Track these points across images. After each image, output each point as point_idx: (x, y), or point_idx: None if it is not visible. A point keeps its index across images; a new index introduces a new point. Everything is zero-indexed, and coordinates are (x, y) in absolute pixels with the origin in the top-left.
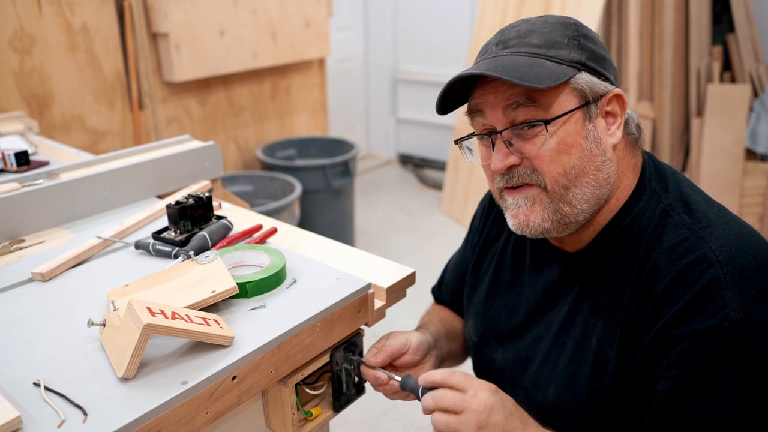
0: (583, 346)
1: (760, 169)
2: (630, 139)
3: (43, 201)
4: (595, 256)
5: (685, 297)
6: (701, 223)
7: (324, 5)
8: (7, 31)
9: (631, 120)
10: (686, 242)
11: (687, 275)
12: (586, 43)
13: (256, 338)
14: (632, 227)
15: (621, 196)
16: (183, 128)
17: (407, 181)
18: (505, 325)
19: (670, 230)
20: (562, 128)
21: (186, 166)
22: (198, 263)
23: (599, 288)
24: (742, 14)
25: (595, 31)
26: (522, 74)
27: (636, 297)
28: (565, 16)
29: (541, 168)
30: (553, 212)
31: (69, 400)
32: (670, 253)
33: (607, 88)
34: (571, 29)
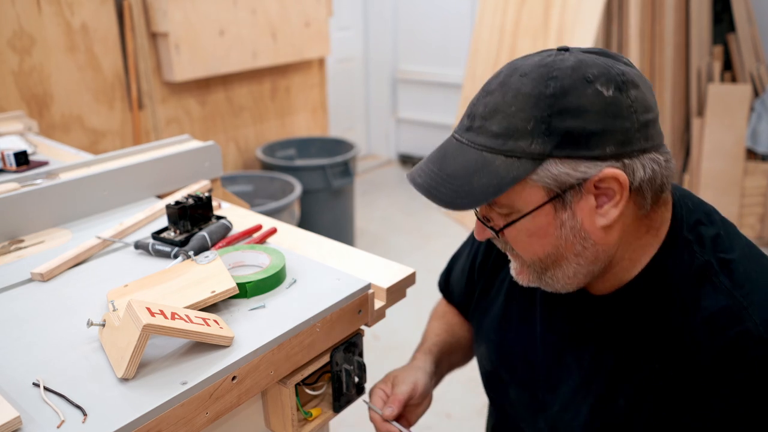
0: (608, 405)
1: (760, 169)
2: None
3: (43, 201)
4: (621, 307)
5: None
6: (743, 288)
7: (324, 5)
8: (7, 30)
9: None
10: (727, 312)
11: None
12: (562, 123)
13: (256, 338)
14: (664, 284)
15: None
16: (183, 128)
17: (407, 181)
18: (519, 361)
19: (709, 295)
20: (529, 222)
21: (186, 166)
22: (198, 263)
23: (627, 344)
24: (742, 14)
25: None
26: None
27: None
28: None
29: (518, 249)
30: (539, 281)
31: (68, 400)
32: (711, 325)
33: (588, 172)
34: (543, 106)
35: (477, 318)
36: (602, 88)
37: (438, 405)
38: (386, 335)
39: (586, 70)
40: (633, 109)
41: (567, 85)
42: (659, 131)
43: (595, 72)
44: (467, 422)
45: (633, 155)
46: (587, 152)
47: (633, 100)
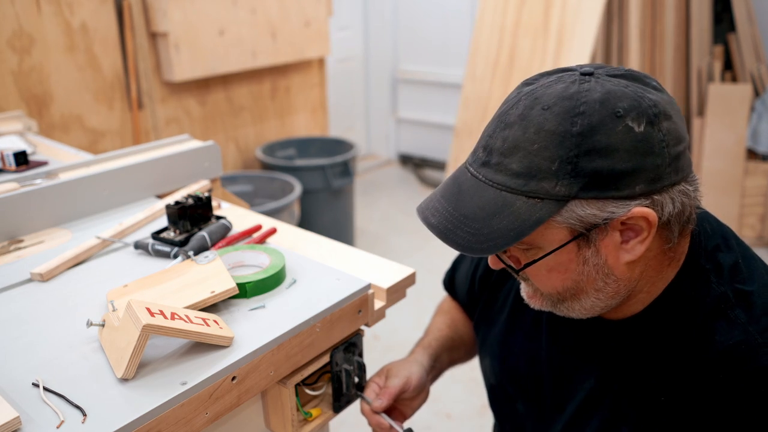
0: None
1: (761, 169)
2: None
3: (42, 201)
4: (631, 333)
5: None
6: (759, 324)
7: (324, 5)
8: (6, 30)
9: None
10: (741, 347)
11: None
12: (589, 164)
13: (256, 339)
14: (678, 313)
15: (654, 289)
16: (182, 128)
17: (407, 181)
18: (525, 376)
19: (723, 330)
20: (552, 258)
21: (185, 166)
22: (197, 263)
23: (634, 372)
24: (743, 14)
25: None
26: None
27: (680, 400)
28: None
29: (534, 281)
30: (552, 307)
31: (68, 400)
32: (724, 360)
33: (616, 212)
34: (569, 145)
35: (482, 330)
36: (633, 123)
37: (438, 405)
38: (386, 335)
39: (616, 104)
40: (665, 144)
41: (595, 122)
42: (689, 160)
43: (626, 106)
44: (467, 422)
45: (663, 190)
46: (616, 193)
47: (665, 133)
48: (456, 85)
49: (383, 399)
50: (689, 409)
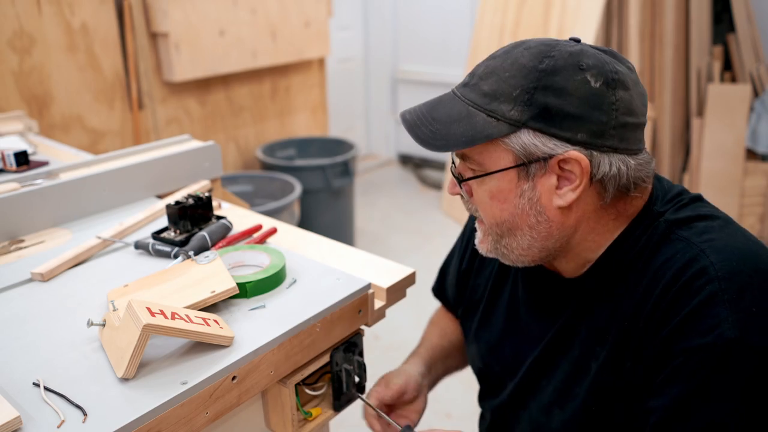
0: (581, 369)
1: (760, 169)
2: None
3: (43, 201)
4: (591, 282)
5: (682, 312)
6: (702, 237)
7: (324, 5)
8: (7, 30)
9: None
10: (684, 255)
11: (685, 290)
12: (543, 98)
13: (256, 338)
14: (629, 253)
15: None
16: (183, 128)
17: (407, 181)
18: (508, 352)
19: (669, 246)
20: (493, 183)
21: (186, 166)
22: (198, 263)
23: (598, 313)
24: (742, 14)
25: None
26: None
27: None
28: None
29: (481, 212)
30: (495, 249)
31: (69, 400)
32: (669, 268)
33: (555, 150)
34: (533, 78)
35: (468, 320)
36: (591, 78)
37: (438, 405)
38: (386, 335)
39: (582, 59)
40: (615, 108)
41: (559, 65)
42: (639, 139)
43: (590, 63)
44: (467, 422)
45: (602, 149)
46: (558, 131)
47: (618, 99)
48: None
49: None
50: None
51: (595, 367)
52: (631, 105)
